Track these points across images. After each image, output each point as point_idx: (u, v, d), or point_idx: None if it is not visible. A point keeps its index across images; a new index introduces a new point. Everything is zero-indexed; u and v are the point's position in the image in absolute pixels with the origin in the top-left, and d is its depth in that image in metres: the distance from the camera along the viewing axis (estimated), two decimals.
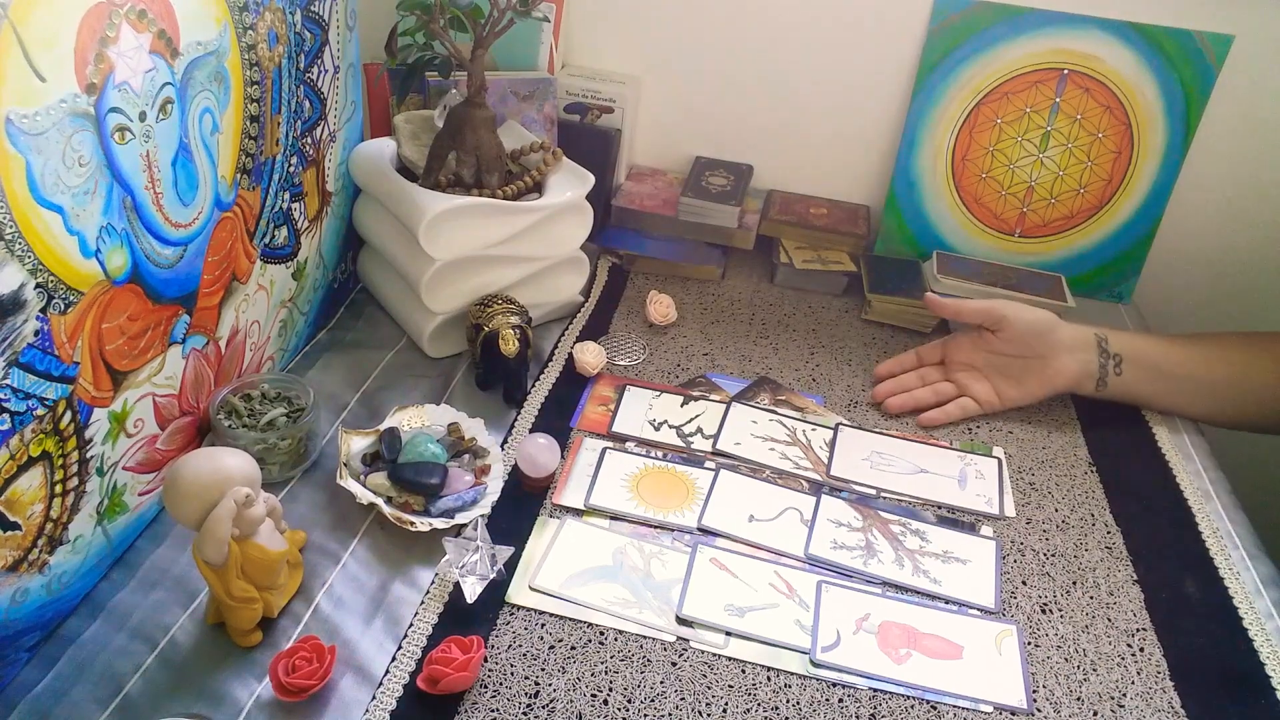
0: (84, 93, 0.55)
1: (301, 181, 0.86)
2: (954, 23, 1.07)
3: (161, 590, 0.68)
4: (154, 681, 0.62)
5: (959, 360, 0.94)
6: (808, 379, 0.96)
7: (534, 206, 0.89)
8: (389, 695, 0.62)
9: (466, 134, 0.88)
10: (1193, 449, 0.90)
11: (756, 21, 1.13)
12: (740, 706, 0.63)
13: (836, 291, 1.11)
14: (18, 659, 0.61)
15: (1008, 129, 1.11)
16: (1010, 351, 0.90)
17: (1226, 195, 1.13)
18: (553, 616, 0.68)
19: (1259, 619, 0.72)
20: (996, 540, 0.78)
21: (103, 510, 0.65)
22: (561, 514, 0.77)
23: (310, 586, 0.69)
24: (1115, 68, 1.06)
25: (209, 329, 0.75)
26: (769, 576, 0.73)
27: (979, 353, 0.92)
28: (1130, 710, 0.65)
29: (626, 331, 1.01)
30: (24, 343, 0.54)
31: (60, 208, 0.55)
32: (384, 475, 0.75)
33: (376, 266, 1.00)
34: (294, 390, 0.81)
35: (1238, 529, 0.81)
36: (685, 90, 1.19)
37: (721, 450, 0.85)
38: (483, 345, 0.86)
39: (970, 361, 0.93)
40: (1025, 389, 0.91)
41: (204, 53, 0.67)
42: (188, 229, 0.69)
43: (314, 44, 0.83)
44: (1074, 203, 1.13)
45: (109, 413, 0.64)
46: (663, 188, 1.19)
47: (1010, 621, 0.71)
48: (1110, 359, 0.89)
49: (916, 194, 1.15)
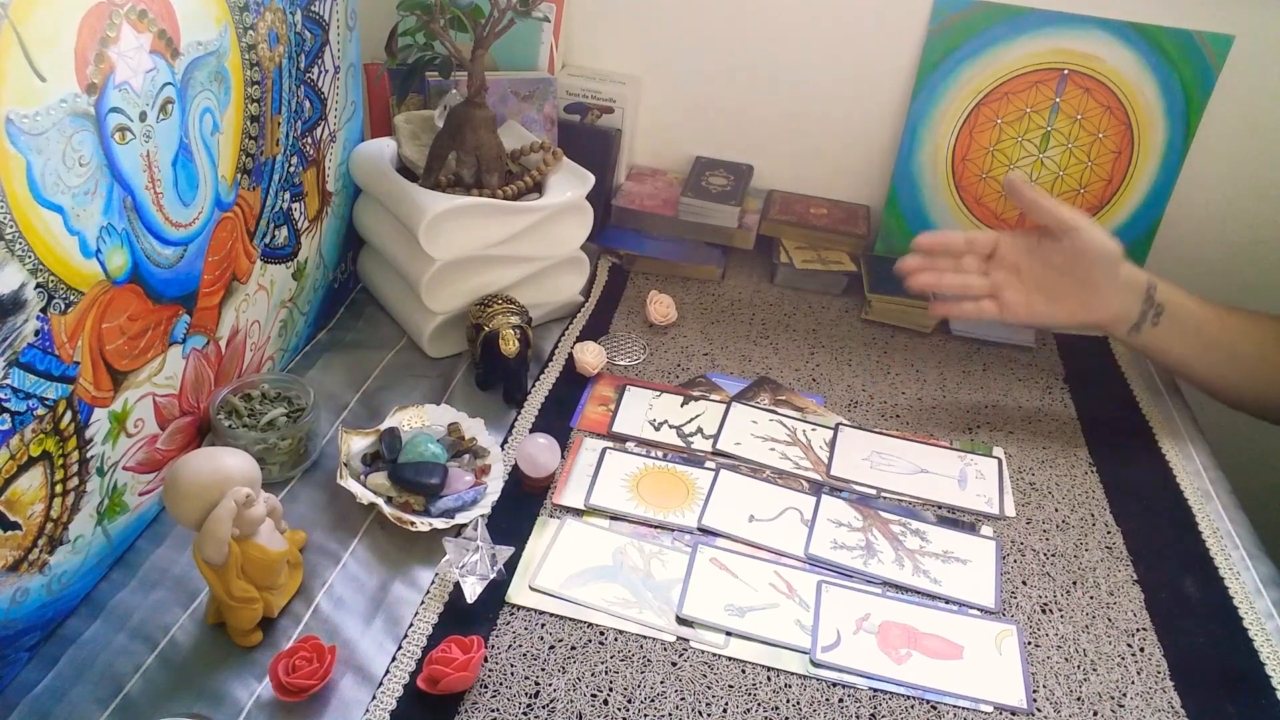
0: (84, 93, 0.55)
1: (302, 181, 0.86)
2: (954, 23, 1.07)
3: (161, 590, 0.68)
4: (154, 681, 0.62)
5: (1006, 259, 0.88)
6: (808, 379, 0.96)
7: (534, 206, 0.89)
8: (389, 695, 0.62)
9: (466, 134, 0.88)
10: (1193, 449, 0.90)
11: (757, 22, 1.13)
12: (740, 706, 0.63)
13: (836, 291, 1.11)
14: (18, 659, 0.61)
15: (1008, 129, 1.11)
16: (1063, 267, 0.85)
17: (1226, 195, 1.13)
18: (553, 616, 0.68)
19: (1259, 619, 0.72)
20: (996, 540, 0.78)
21: (103, 510, 0.65)
22: (561, 514, 0.77)
23: (310, 586, 0.69)
24: (1115, 68, 1.06)
25: (209, 329, 0.75)
26: (769, 576, 0.73)
27: (1032, 258, 0.87)
28: (1130, 710, 0.65)
29: (626, 331, 1.01)
30: (24, 343, 0.54)
31: (60, 208, 0.55)
32: (384, 475, 0.75)
33: (376, 266, 1.00)
34: (294, 390, 0.81)
35: (1238, 529, 0.81)
36: (685, 90, 1.19)
37: (722, 450, 0.85)
38: (483, 345, 0.86)
39: (1018, 264, 0.88)
40: (1060, 310, 0.87)
41: (204, 53, 0.67)
42: (188, 229, 0.69)
43: (314, 44, 0.83)
44: (1074, 203, 1.13)
45: (109, 413, 0.64)
46: (663, 188, 1.19)
47: (1010, 621, 0.71)
48: (1153, 308, 0.85)
49: (917, 194, 1.15)
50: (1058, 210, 0.84)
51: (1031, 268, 0.87)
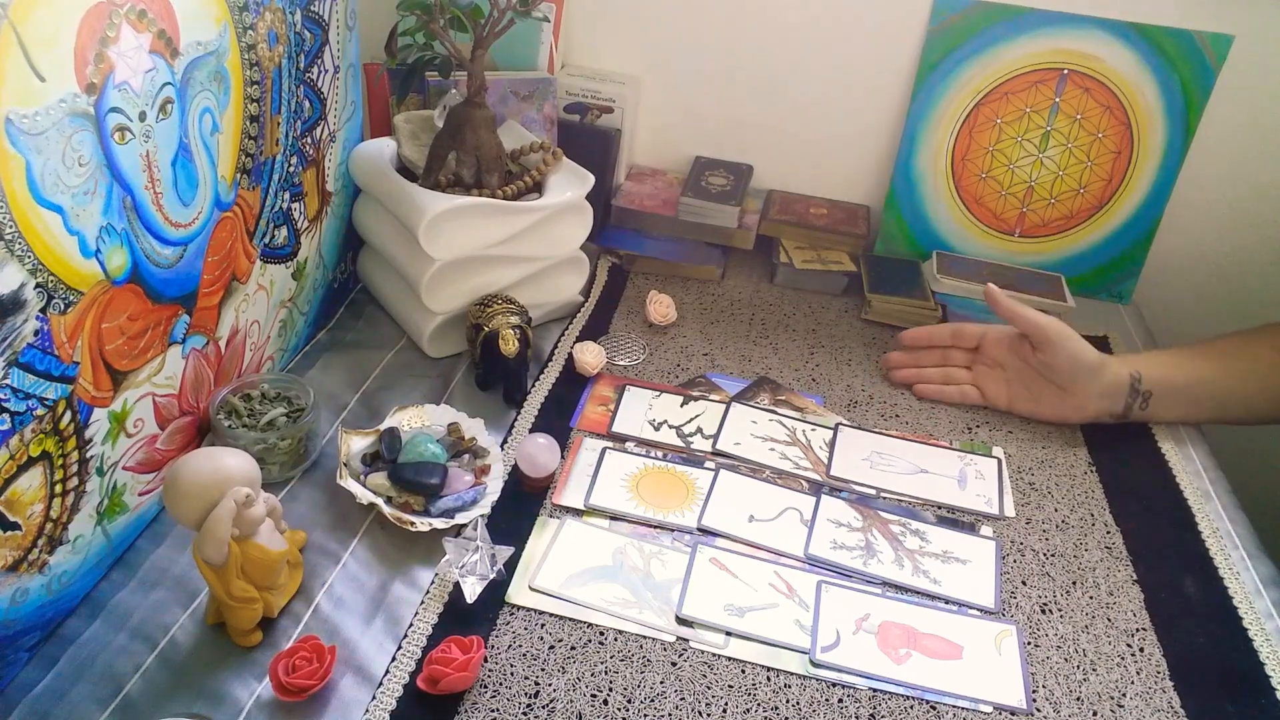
0: (84, 93, 0.55)
1: (301, 181, 0.86)
2: (954, 23, 1.07)
3: (161, 590, 0.68)
4: (154, 681, 0.62)
5: (990, 354, 0.93)
6: (808, 379, 0.96)
7: (534, 206, 0.89)
8: (389, 695, 0.62)
9: (466, 134, 0.88)
10: (1193, 449, 0.90)
11: (756, 21, 1.13)
12: (740, 706, 0.63)
13: (836, 291, 1.11)
14: (18, 659, 0.61)
15: (1008, 129, 1.11)
16: (1042, 370, 0.89)
17: (1226, 195, 1.13)
18: (553, 616, 0.68)
19: (1259, 619, 0.72)
20: (996, 540, 0.78)
21: (103, 510, 0.65)
22: (561, 514, 0.77)
23: (310, 586, 0.69)
24: (1115, 68, 1.06)
25: (209, 329, 0.75)
26: (769, 576, 0.73)
27: (1013, 355, 0.91)
28: (1130, 710, 0.65)
29: (626, 331, 1.01)
30: (24, 343, 0.54)
31: (60, 208, 0.55)
32: (384, 475, 0.75)
33: (376, 266, 1.00)
34: (294, 390, 0.81)
35: (1238, 529, 0.81)
36: (685, 90, 1.19)
37: (721, 450, 0.85)
38: (483, 345, 0.86)
39: (1000, 360, 0.92)
40: (1040, 407, 0.90)
41: (204, 53, 0.67)
42: (187, 229, 0.69)
43: (314, 44, 0.83)
44: (1074, 203, 1.13)
45: (109, 412, 0.64)
46: (663, 188, 1.19)
47: (1010, 621, 0.71)
48: (1138, 398, 0.87)
49: (916, 194, 1.15)
50: (1036, 322, 0.88)
51: (1014, 364, 0.91)
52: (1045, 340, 0.87)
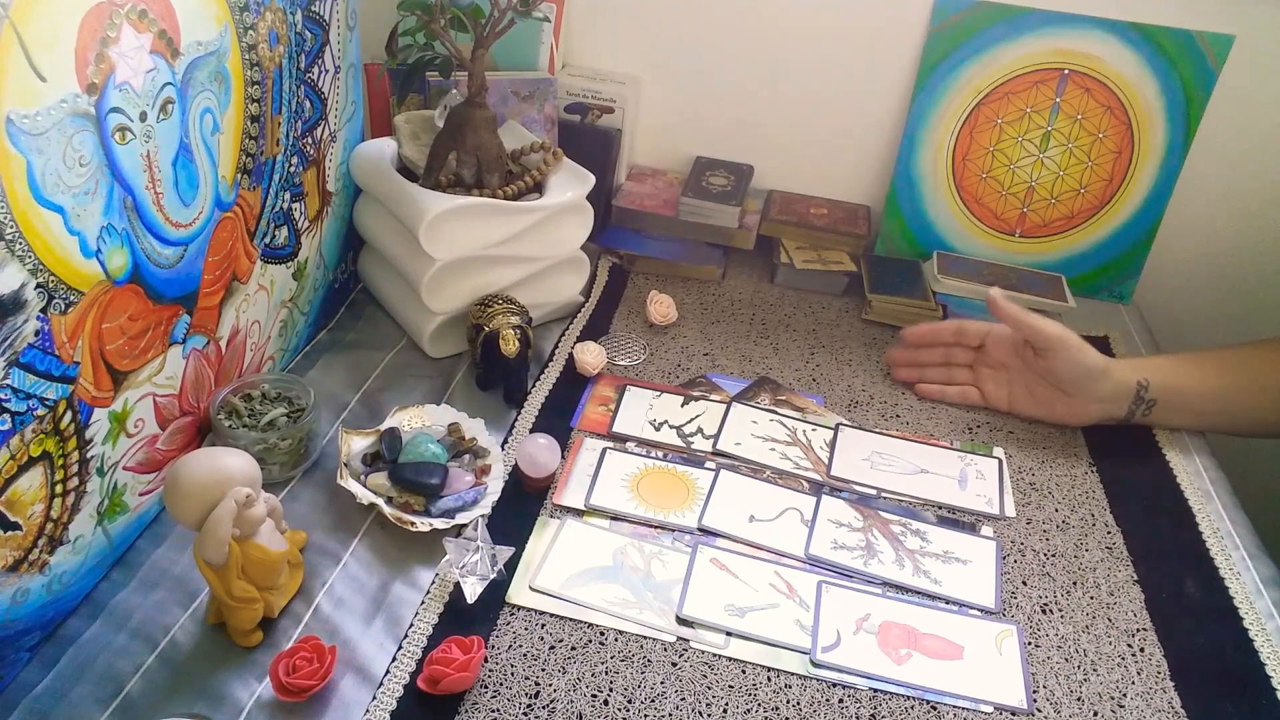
0: (85, 93, 0.55)
1: (302, 181, 0.86)
2: (954, 23, 1.07)
3: (162, 590, 0.68)
4: (154, 682, 0.62)
5: (993, 355, 0.92)
6: (808, 379, 0.96)
7: (534, 206, 0.89)
8: (389, 695, 0.62)
9: (467, 134, 0.88)
10: (1193, 449, 0.90)
11: (756, 22, 1.13)
12: (740, 707, 0.63)
13: (837, 291, 1.11)
14: (18, 659, 0.61)
15: (1008, 129, 1.11)
16: (1045, 374, 0.89)
17: (1227, 195, 1.13)
18: (553, 617, 0.68)
19: (1259, 619, 0.72)
20: (997, 540, 0.78)
21: (103, 510, 0.65)
22: (562, 514, 0.77)
23: (311, 587, 0.69)
24: (1116, 68, 1.06)
25: (209, 329, 0.75)
26: (769, 577, 0.73)
27: (1016, 358, 0.91)
28: (1130, 710, 0.65)
29: (627, 331, 1.01)
30: (24, 343, 0.54)
31: (61, 208, 0.55)
32: (384, 475, 0.75)
33: (377, 266, 1.00)
34: (294, 390, 0.81)
35: (1238, 529, 0.81)
36: (685, 90, 1.19)
37: (722, 450, 0.85)
38: (483, 345, 0.86)
39: (1004, 361, 0.92)
40: (1041, 410, 0.90)
41: (205, 53, 0.67)
42: (188, 229, 0.69)
43: (314, 44, 0.83)
44: (1074, 203, 1.13)
45: (109, 413, 0.64)
46: (663, 188, 1.19)
47: (1010, 622, 0.71)
48: (1142, 405, 0.87)
49: (917, 194, 1.15)
50: (1040, 329, 0.86)
51: (1016, 367, 0.91)
52: (1049, 346, 0.86)
